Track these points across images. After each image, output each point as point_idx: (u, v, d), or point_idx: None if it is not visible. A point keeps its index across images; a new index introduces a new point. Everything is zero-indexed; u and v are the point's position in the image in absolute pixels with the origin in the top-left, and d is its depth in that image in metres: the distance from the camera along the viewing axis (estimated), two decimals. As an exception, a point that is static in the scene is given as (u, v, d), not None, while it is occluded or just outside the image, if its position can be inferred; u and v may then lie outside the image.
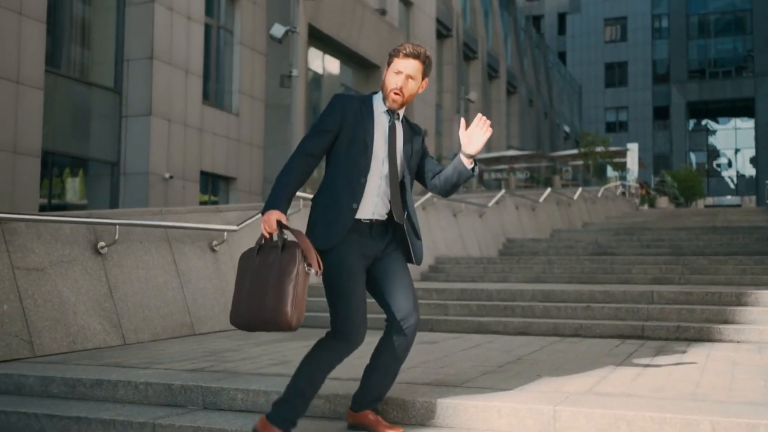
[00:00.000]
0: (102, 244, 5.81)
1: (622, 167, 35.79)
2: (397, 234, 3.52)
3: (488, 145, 39.49)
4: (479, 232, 13.94)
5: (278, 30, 16.63)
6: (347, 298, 3.29)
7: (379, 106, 3.52)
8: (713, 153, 63.50)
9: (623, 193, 30.15)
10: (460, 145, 3.61)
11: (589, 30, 63.21)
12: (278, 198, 3.26)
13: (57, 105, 15.09)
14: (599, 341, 6.19)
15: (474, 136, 3.42)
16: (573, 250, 13.35)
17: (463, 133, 3.45)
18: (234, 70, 19.86)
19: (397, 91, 3.44)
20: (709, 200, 50.82)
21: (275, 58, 20.66)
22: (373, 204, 3.44)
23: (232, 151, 19.38)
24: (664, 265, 10.09)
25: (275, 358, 5.12)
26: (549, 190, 18.57)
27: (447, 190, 3.63)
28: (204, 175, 18.59)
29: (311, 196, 3.52)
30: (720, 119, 63.28)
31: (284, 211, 3.26)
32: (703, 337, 6.31)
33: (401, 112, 3.56)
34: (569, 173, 34.56)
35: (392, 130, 3.49)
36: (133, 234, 6.16)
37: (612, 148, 36.52)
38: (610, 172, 36.17)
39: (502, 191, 15.71)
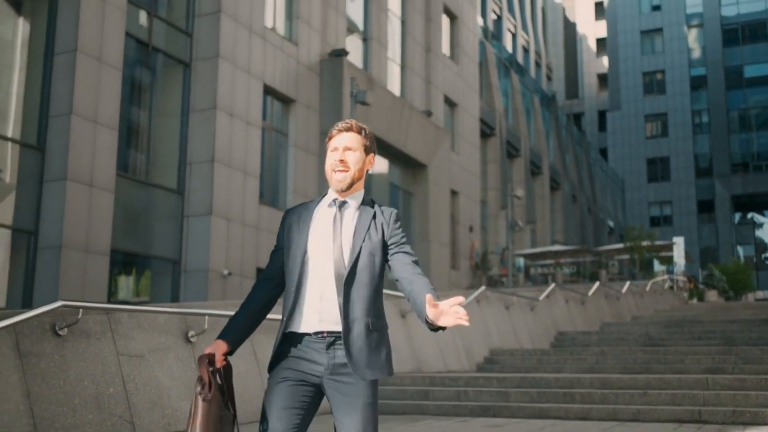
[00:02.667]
0: (192, 333, 6.33)
1: (668, 261, 35.80)
2: (356, 346, 2.95)
3: (533, 241, 39.91)
4: (531, 325, 14.24)
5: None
6: (263, 416, 2.95)
7: (326, 201, 3.13)
8: (761, 246, 62.89)
9: (671, 287, 30.16)
10: (504, 245, 3.67)
11: (630, 126, 64.00)
12: (224, 328, 3.06)
13: (124, 206, 15.95)
14: (658, 425, 6.48)
15: (444, 316, 2.78)
16: (624, 342, 13.56)
17: (431, 308, 2.77)
18: (288, 171, 20.73)
19: (339, 167, 3.05)
20: (759, 294, 50.12)
21: (325, 159, 21.50)
22: (317, 312, 2.96)
23: (286, 249, 20.03)
24: (716, 355, 10.28)
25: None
26: (597, 283, 18.85)
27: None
28: (260, 271, 19.22)
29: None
30: (766, 212, 62.95)
31: (225, 340, 3.00)
32: (758, 420, 6.55)
33: (353, 199, 3.11)
34: (616, 267, 34.66)
35: (337, 220, 3.04)
36: (218, 324, 6.68)
37: (658, 242, 36.65)
38: (657, 266, 36.19)
39: (552, 285, 16.05)
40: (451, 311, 2.76)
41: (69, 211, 14.04)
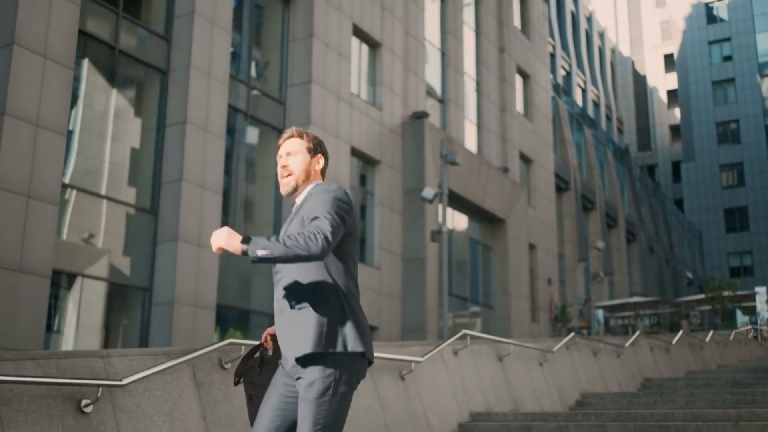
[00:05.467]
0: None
1: (751, 311, 35.45)
2: (282, 327, 3.13)
3: (611, 293, 39.98)
4: (618, 371, 14.72)
5: (429, 192, 18.49)
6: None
7: None
8: None
9: (755, 337, 29.91)
10: (582, 297, 3.87)
11: (705, 177, 63.56)
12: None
13: (229, 263, 17.10)
14: (750, 452, 7.03)
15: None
16: (712, 386, 13.90)
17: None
18: (375, 228, 21.73)
19: (283, 173, 3.22)
20: None
21: (410, 215, 22.50)
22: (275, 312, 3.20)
23: (374, 303, 20.92)
24: (804, 395, 10.67)
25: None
26: (681, 332, 19.15)
27: None
28: (350, 325, 20.09)
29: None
30: None
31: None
32: None
33: (300, 197, 3.27)
34: (697, 318, 34.50)
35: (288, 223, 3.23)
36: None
37: (739, 293, 36.37)
38: (740, 316, 35.84)
39: (638, 332, 16.50)
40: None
41: (180, 270, 15.22)
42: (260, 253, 2.82)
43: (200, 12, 16.34)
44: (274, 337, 3.26)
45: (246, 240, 2.84)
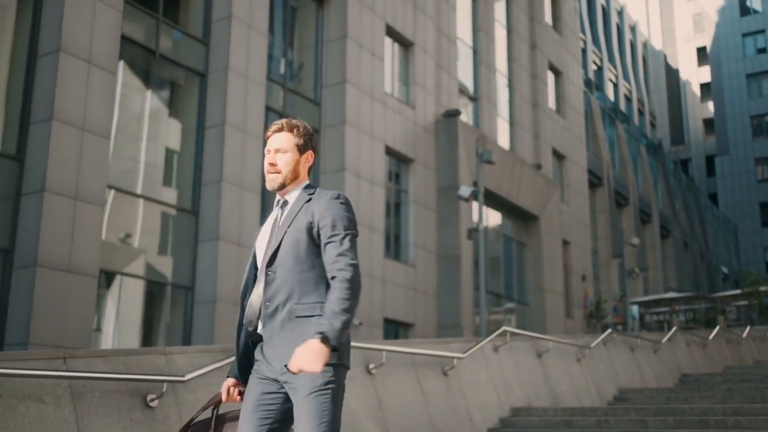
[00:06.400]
0: (372, 365, 7.42)
1: (789, 306, 35.09)
2: (274, 334, 2.95)
3: (646, 289, 39.81)
4: (655, 367, 14.79)
5: (465, 191, 18.66)
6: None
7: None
8: None
9: (793, 332, 29.63)
10: (617, 293, 3.62)
11: (740, 170, 62.91)
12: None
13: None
14: (790, 445, 7.14)
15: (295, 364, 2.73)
16: (749, 382, 13.92)
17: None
18: (409, 226, 21.92)
19: (270, 170, 3.14)
20: None
21: (444, 213, 22.66)
22: (258, 313, 3.00)
23: (409, 300, 21.12)
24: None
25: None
26: (718, 327, 19.13)
27: None
28: (386, 321, 20.35)
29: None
30: None
31: (232, 376, 3.14)
32: None
33: (292, 195, 3.17)
34: (734, 313, 34.24)
35: (278, 220, 3.13)
36: (391, 358, 7.77)
37: (776, 287, 35.99)
38: (777, 311, 35.49)
39: (674, 328, 16.54)
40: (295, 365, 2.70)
41: (221, 268, 15.52)
42: (337, 340, 2.74)
43: (237, 15, 16.64)
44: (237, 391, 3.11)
45: (325, 340, 2.70)
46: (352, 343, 7.37)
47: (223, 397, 3.11)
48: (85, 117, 13.13)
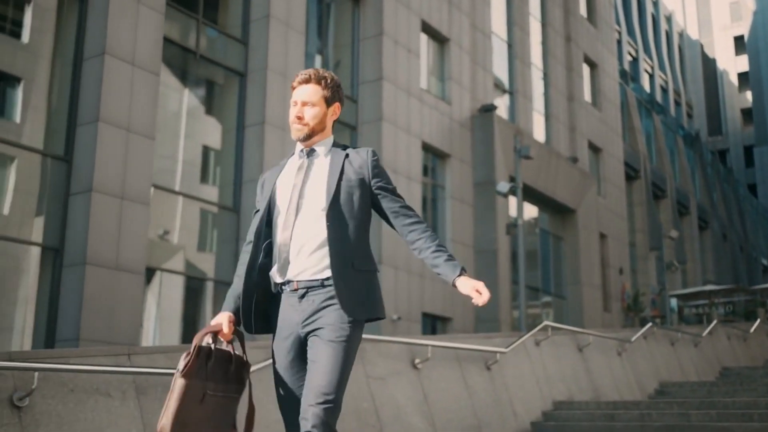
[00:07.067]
0: (418, 360, 7.58)
1: (831, 298, 34.62)
2: (327, 296, 2.92)
3: (684, 282, 39.51)
4: (696, 360, 14.78)
5: (503, 186, 18.75)
6: (276, 390, 3.00)
7: (296, 153, 3.18)
8: None
9: (835, 325, 29.28)
10: (654, 286, 3.72)
11: (780, 161, 62.10)
12: (226, 301, 3.07)
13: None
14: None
15: (477, 296, 2.89)
16: (792, 375, 13.87)
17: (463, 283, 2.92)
18: (446, 221, 22.03)
19: (296, 122, 3.07)
20: None
21: (481, 208, 22.73)
22: (287, 263, 2.96)
23: (447, 294, 21.24)
24: None
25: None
26: (758, 320, 19.01)
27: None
28: (425, 316, 20.50)
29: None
30: None
31: (231, 311, 3.02)
32: None
33: (321, 146, 3.12)
34: (774, 306, 33.82)
35: (303, 169, 3.06)
36: (436, 353, 7.92)
37: (818, 279, 35.55)
38: (819, 303, 35.02)
39: (715, 321, 16.49)
40: (472, 289, 2.86)
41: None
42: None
43: (275, 15, 16.86)
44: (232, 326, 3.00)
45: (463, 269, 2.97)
46: (398, 338, 7.51)
47: (226, 328, 2.95)
48: (129, 118, 13.44)
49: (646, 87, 47.95)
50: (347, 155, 3.06)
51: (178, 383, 2.79)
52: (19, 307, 12.66)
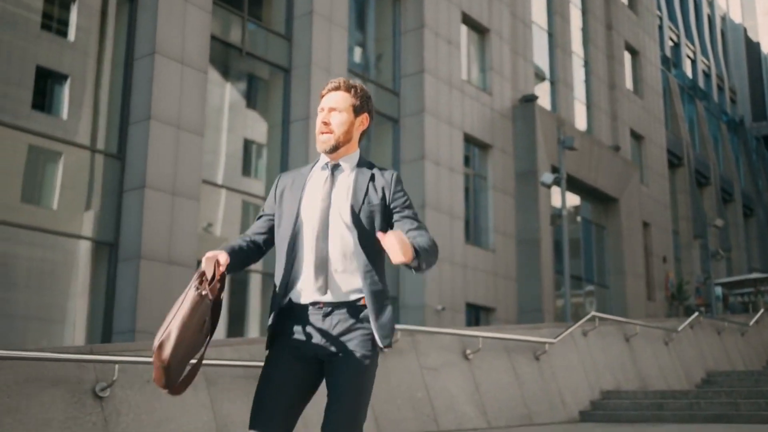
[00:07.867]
0: (469, 351, 7.77)
1: None
2: (353, 318, 2.82)
3: (729, 269, 39.10)
4: (742, 349, 14.76)
5: (548, 178, 18.82)
6: (256, 394, 2.86)
7: (319, 165, 3.02)
8: None
9: None
10: (699, 274, 3.61)
11: (826, 145, 60.93)
12: (226, 248, 2.88)
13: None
14: None
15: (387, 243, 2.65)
16: (841, 364, 13.82)
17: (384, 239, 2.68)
18: (489, 212, 22.13)
19: (323, 129, 2.93)
20: None
21: (523, 198, 22.79)
22: (312, 281, 2.84)
23: (490, 285, 21.37)
24: None
25: None
26: (806, 309, 18.84)
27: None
28: (468, 306, 20.66)
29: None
30: None
31: (228, 254, 2.80)
32: None
33: (346, 161, 2.99)
34: (822, 293, 33.39)
35: (328, 183, 2.92)
36: (488, 344, 8.10)
37: None
38: None
39: (761, 311, 16.42)
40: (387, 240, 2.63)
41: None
42: (420, 252, 2.71)
43: (318, 11, 17.08)
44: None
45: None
46: (449, 330, 7.71)
47: (222, 260, 2.75)
48: (179, 115, 13.77)
49: (689, 73, 47.36)
50: (372, 176, 2.95)
51: (200, 300, 2.67)
52: (72, 301, 13.09)
